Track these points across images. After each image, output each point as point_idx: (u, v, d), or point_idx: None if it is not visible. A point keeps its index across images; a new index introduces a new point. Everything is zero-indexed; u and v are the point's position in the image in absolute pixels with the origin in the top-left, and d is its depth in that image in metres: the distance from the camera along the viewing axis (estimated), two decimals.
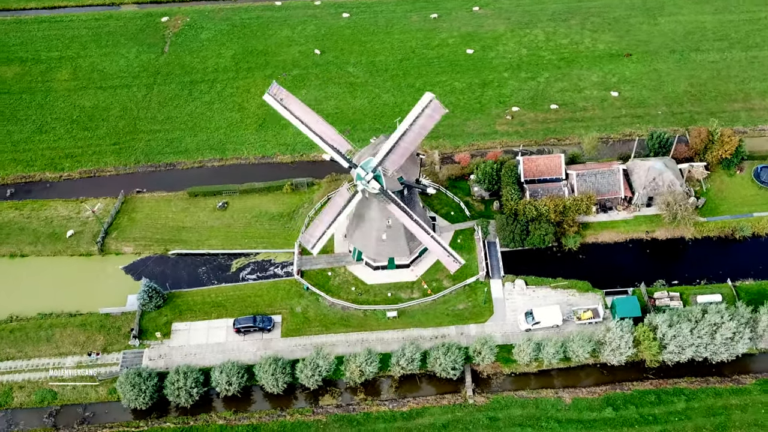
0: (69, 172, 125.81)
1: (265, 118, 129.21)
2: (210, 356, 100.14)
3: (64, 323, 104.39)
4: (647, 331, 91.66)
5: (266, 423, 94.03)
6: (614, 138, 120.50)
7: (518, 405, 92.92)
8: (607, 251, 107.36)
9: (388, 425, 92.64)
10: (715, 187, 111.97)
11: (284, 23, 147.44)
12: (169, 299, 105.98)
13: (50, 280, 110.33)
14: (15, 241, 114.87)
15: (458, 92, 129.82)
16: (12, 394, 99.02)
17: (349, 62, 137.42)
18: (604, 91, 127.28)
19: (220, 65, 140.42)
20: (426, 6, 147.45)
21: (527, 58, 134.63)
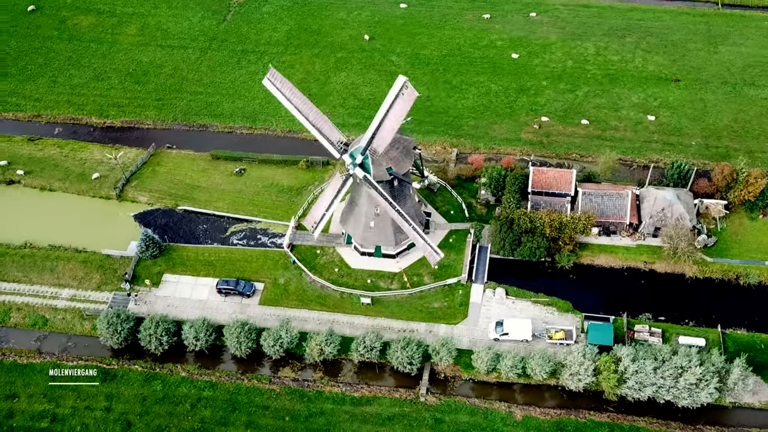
0: (112, 120, 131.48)
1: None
2: (189, 311, 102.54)
3: (68, 257, 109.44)
4: (609, 361, 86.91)
5: (223, 383, 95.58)
6: (639, 162, 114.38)
7: (467, 412, 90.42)
8: (600, 275, 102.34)
9: (336, 407, 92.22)
10: (732, 228, 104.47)
11: (342, 6, 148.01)
12: (166, 251, 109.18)
13: (67, 216, 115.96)
14: (48, 175, 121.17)
15: (492, 94, 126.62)
16: (10, 314, 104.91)
17: (395, 51, 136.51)
18: (642, 114, 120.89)
19: (273, 39, 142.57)
20: (483, 6, 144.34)
21: (571, 69, 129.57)
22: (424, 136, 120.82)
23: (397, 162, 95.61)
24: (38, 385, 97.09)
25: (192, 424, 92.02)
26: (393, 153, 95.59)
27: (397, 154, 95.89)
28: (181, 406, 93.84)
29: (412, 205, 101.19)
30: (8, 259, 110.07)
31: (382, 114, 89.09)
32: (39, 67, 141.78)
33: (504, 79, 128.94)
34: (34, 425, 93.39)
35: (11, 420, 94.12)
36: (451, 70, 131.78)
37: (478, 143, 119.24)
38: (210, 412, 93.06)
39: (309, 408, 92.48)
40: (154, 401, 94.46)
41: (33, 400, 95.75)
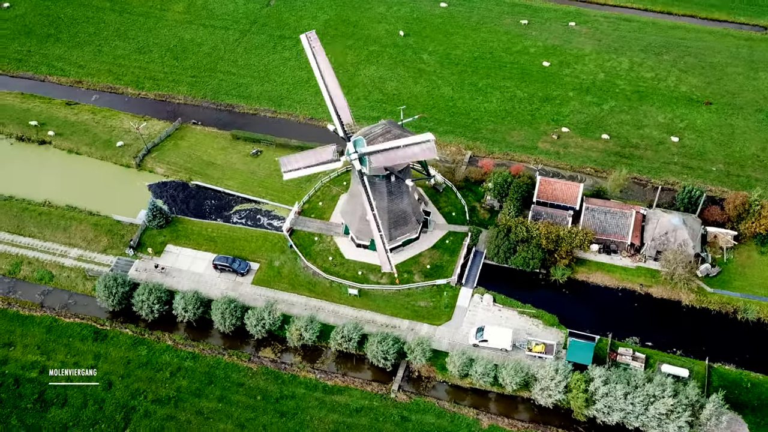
0: (146, 92, 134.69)
1: None
2: (184, 282, 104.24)
3: (81, 219, 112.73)
4: (581, 381, 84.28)
5: (205, 356, 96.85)
6: (654, 183, 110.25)
7: (435, 413, 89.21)
8: (594, 293, 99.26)
9: (308, 392, 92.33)
10: (739, 260, 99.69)
11: (383, 0, 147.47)
12: (173, 222, 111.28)
13: (88, 179, 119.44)
14: (77, 139, 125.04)
15: (516, 100, 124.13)
16: (21, 266, 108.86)
17: (427, 50, 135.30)
18: (665, 134, 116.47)
19: (311, 27, 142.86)
20: (524, 11, 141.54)
21: (600, 83, 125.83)
22: (441, 135, 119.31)
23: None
24: (35, 336, 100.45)
25: (168, 392, 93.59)
26: None
27: None
28: (161, 373, 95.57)
29: (409, 202, 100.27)
30: (27, 214, 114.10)
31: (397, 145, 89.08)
32: (88, 36, 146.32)
33: (531, 87, 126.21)
34: (24, 374, 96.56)
35: (4, 367, 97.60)
36: (479, 72, 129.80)
37: (493, 148, 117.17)
38: (187, 382, 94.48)
39: (281, 390, 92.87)
40: (138, 365, 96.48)
41: (27, 350, 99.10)
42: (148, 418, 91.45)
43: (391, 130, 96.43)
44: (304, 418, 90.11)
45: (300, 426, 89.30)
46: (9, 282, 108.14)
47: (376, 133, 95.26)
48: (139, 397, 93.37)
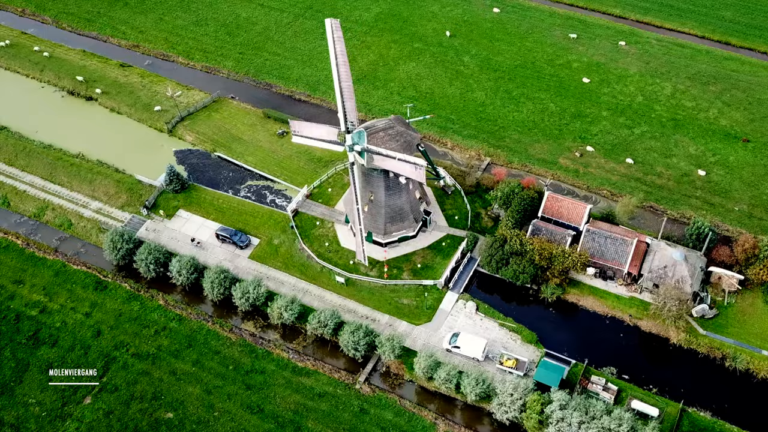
0: (195, 63, 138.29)
1: (366, 75, 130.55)
2: (187, 247, 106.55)
3: (107, 174, 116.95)
4: (537, 402, 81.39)
5: (189, 319, 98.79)
6: (670, 215, 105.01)
7: (394, 411, 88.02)
8: (581, 317, 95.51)
9: (277, 370, 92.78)
10: (740, 306, 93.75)
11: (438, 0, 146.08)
12: (189, 189, 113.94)
13: (121, 138, 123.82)
14: (121, 99, 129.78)
15: (547, 113, 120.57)
16: (46, 211, 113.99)
17: (469, 52, 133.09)
18: (693, 166, 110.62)
19: (362, 18, 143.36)
20: (576, 25, 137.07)
21: (637, 105, 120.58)
22: (464, 139, 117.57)
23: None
24: (43, 277, 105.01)
25: (149, 348, 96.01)
26: (392, 144, 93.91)
27: (396, 146, 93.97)
28: (146, 330, 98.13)
29: (408, 199, 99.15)
30: (60, 163, 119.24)
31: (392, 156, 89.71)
32: (153, 4, 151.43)
33: (565, 101, 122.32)
34: (26, 311, 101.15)
35: (10, 302, 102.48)
36: (516, 80, 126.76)
37: (513, 158, 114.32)
38: (168, 342, 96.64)
39: (253, 364, 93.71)
40: (127, 319, 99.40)
41: (33, 289, 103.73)
42: (125, 370, 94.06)
43: (394, 126, 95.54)
44: (268, 393, 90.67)
45: (262, 401, 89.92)
46: (33, 224, 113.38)
47: (379, 127, 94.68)
48: (121, 348, 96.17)
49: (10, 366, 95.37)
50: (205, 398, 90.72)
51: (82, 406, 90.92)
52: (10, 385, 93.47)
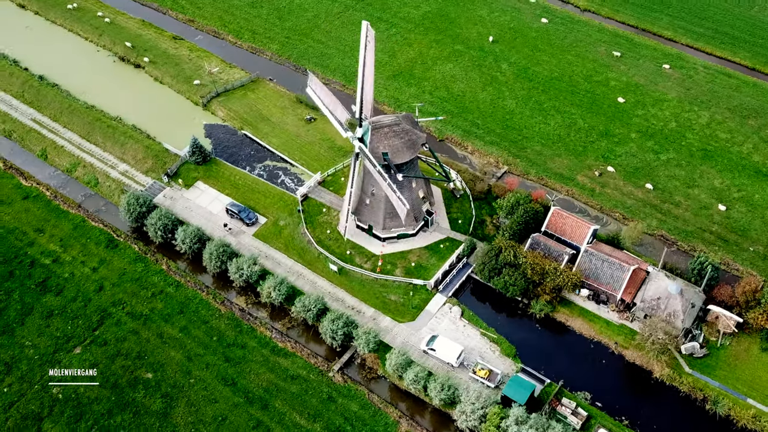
0: (242, 42, 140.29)
1: (402, 72, 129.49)
2: (197, 218, 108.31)
3: (138, 139, 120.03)
4: (497, 414, 79.10)
5: (186, 287, 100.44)
6: (681, 247, 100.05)
7: (360, 403, 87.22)
8: (566, 337, 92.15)
9: (256, 348, 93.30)
10: (734, 350, 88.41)
11: (488, 4, 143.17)
12: (210, 162, 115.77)
13: (159, 106, 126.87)
14: (165, 70, 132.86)
15: (574, 129, 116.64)
16: (77, 167, 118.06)
17: (508, 60, 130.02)
18: (714, 200, 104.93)
19: (409, 15, 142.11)
20: (621, 43, 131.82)
21: (669, 131, 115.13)
22: (485, 144, 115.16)
23: (396, 151, 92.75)
24: (62, 229, 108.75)
25: (143, 309, 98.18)
26: (395, 141, 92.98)
27: (399, 144, 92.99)
28: (144, 291, 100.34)
29: (409, 197, 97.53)
30: (98, 124, 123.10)
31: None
32: None
33: (595, 118, 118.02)
34: (40, 259, 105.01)
35: (29, 248, 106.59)
36: (549, 92, 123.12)
37: (531, 169, 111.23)
38: (162, 305, 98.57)
39: (236, 338, 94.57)
40: (129, 279, 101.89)
41: (51, 240, 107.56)
42: (117, 326, 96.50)
43: (400, 123, 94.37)
44: (244, 368, 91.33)
45: (238, 375, 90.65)
46: (64, 178, 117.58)
47: (384, 123, 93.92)
48: (118, 306, 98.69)
49: (16, 308, 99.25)
50: (184, 364, 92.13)
51: (71, 354, 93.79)
52: (12, 326, 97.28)
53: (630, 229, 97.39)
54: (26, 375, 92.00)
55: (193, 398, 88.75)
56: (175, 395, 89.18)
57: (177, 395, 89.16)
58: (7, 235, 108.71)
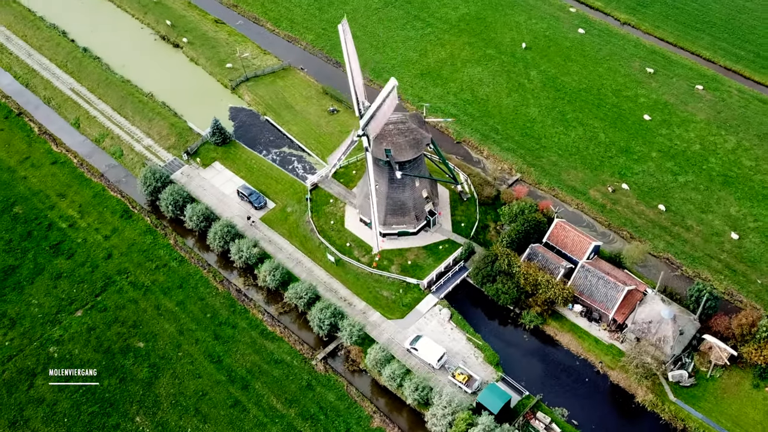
0: (279, 30, 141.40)
1: (430, 71, 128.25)
2: (208, 197, 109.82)
3: (165, 116, 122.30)
4: (464, 420, 77.79)
5: (189, 263, 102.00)
6: (686, 273, 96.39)
7: (337, 394, 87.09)
8: (552, 351, 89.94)
9: (246, 329, 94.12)
10: (724, 383, 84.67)
11: (527, 10, 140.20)
12: (230, 144, 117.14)
13: (190, 86, 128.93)
14: (201, 51, 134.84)
15: (594, 142, 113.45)
16: (105, 138, 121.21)
17: (538, 68, 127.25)
18: (728, 227, 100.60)
19: (446, 16, 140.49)
20: (657, 60, 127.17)
21: (691, 154, 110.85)
22: (501, 150, 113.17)
23: (399, 148, 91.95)
24: (83, 197, 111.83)
25: (144, 280, 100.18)
26: (399, 139, 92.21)
27: (403, 142, 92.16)
28: (149, 263, 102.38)
29: (411, 196, 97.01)
30: (131, 98, 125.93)
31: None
32: None
33: (617, 134, 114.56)
34: (58, 222, 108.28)
35: (49, 211, 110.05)
36: (575, 104, 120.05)
37: (543, 179, 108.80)
38: (163, 278, 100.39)
39: (228, 317, 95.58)
40: (137, 250, 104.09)
41: (71, 205, 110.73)
42: (118, 294, 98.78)
43: (407, 122, 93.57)
44: (231, 347, 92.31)
45: (224, 353, 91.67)
46: (92, 147, 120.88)
47: (390, 120, 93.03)
48: (123, 274, 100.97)
49: (29, 267, 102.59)
50: (176, 337, 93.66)
51: (72, 317, 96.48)
52: (22, 283, 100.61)
53: (632, 248, 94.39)
54: (28, 332, 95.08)
55: (179, 371, 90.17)
56: (162, 366, 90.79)
57: (164, 366, 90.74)
58: (32, 197, 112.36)
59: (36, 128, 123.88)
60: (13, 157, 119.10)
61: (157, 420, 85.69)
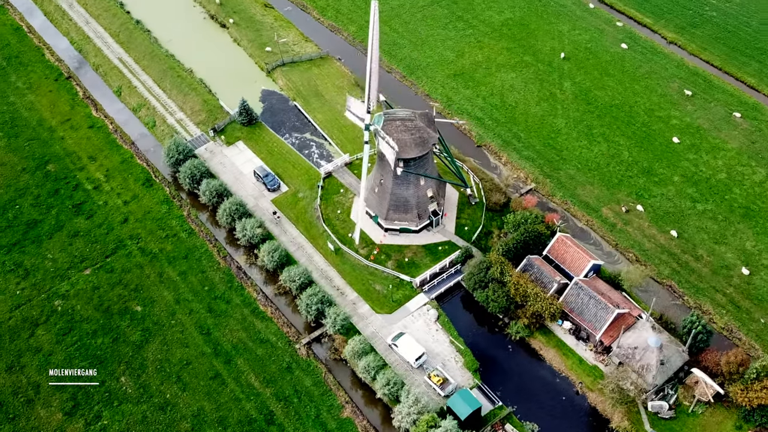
0: (324, 19, 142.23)
1: (463, 73, 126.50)
2: (227, 174, 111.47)
3: (199, 92, 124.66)
4: (425, 422, 76.70)
5: (198, 236, 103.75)
6: (687, 303, 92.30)
7: (314, 380, 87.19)
8: (534, 365, 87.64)
9: (239, 305, 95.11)
10: (706, 420, 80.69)
11: (572, 20, 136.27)
12: (255, 125, 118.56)
13: (228, 65, 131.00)
14: (245, 33, 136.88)
15: (617, 160, 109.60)
16: (142, 108, 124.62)
17: (573, 80, 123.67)
18: (739, 261, 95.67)
19: (490, 19, 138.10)
20: (698, 83, 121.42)
21: (715, 182, 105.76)
22: (520, 158, 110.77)
23: (404, 145, 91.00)
24: (111, 161, 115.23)
25: (153, 247, 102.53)
26: (404, 136, 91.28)
27: (408, 139, 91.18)
28: (161, 232, 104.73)
29: (415, 194, 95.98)
30: (170, 72, 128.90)
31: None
32: None
33: (641, 154, 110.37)
34: (84, 184, 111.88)
35: (78, 172, 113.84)
36: (604, 119, 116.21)
37: (558, 191, 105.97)
38: (171, 248, 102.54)
39: (224, 292, 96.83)
40: (152, 218, 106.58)
41: (99, 169, 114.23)
42: (127, 257, 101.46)
43: (414, 120, 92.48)
44: (221, 321, 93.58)
45: (214, 326, 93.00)
46: (129, 115, 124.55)
47: (398, 116, 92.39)
48: (134, 240, 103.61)
49: (50, 223, 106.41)
50: (172, 306, 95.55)
51: (80, 274, 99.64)
52: (42, 238, 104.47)
53: (632, 271, 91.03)
54: (39, 283, 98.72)
55: (168, 338, 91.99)
56: (154, 331, 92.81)
57: (156, 332, 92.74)
58: (65, 157, 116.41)
59: (81, 92, 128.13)
60: (55, 117, 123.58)
61: (141, 382, 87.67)
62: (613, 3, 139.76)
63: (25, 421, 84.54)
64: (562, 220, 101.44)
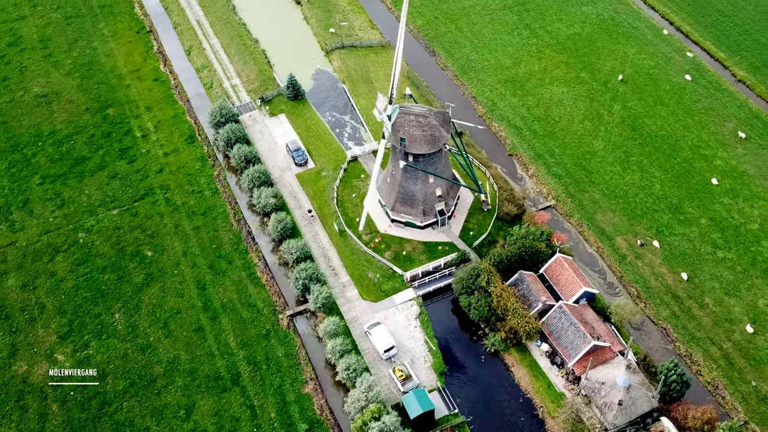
0: (395, 10, 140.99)
1: (515, 80, 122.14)
2: (262, 143, 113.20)
3: (258, 61, 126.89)
4: (372, 412, 75.28)
5: (220, 196, 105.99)
6: (678, 349, 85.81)
7: (286, 352, 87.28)
8: (501, 381, 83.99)
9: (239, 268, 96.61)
10: None
11: (641, 44, 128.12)
12: (299, 100, 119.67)
13: (292, 41, 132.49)
14: (316, 13, 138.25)
15: (646, 192, 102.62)
16: (205, 69, 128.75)
17: (624, 104, 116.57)
18: (746, 318, 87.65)
19: (557, 31, 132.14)
20: (756, 126, 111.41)
21: (745, 231, 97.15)
22: (548, 174, 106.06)
23: (414, 140, 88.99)
24: (164, 114, 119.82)
25: (178, 199, 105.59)
26: (415, 131, 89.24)
27: (419, 135, 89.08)
28: (188, 187, 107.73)
29: (422, 190, 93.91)
30: (239, 40, 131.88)
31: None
32: None
33: (674, 190, 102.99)
34: (135, 131, 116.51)
35: (132, 119, 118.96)
36: (644, 148, 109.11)
37: (576, 213, 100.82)
38: (194, 202, 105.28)
39: (230, 253, 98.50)
40: (185, 173, 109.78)
41: (152, 119, 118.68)
42: (152, 205, 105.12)
43: (428, 117, 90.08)
44: (218, 279, 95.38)
45: (210, 282, 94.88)
46: (191, 74, 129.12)
47: (413, 111, 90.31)
48: (163, 189, 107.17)
49: (95, 162, 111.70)
50: (179, 257, 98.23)
51: (108, 213, 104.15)
52: (84, 174, 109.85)
53: (622, 305, 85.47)
54: (70, 215, 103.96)
55: (167, 287, 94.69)
56: (156, 277, 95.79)
57: (157, 278, 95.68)
58: (126, 104, 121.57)
59: (156, 47, 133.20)
60: (127, 66, 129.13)
61: (131, 322, 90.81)
62: (689, 32, 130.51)
63: (24, 336, 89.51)
64: (571, 242, 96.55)
